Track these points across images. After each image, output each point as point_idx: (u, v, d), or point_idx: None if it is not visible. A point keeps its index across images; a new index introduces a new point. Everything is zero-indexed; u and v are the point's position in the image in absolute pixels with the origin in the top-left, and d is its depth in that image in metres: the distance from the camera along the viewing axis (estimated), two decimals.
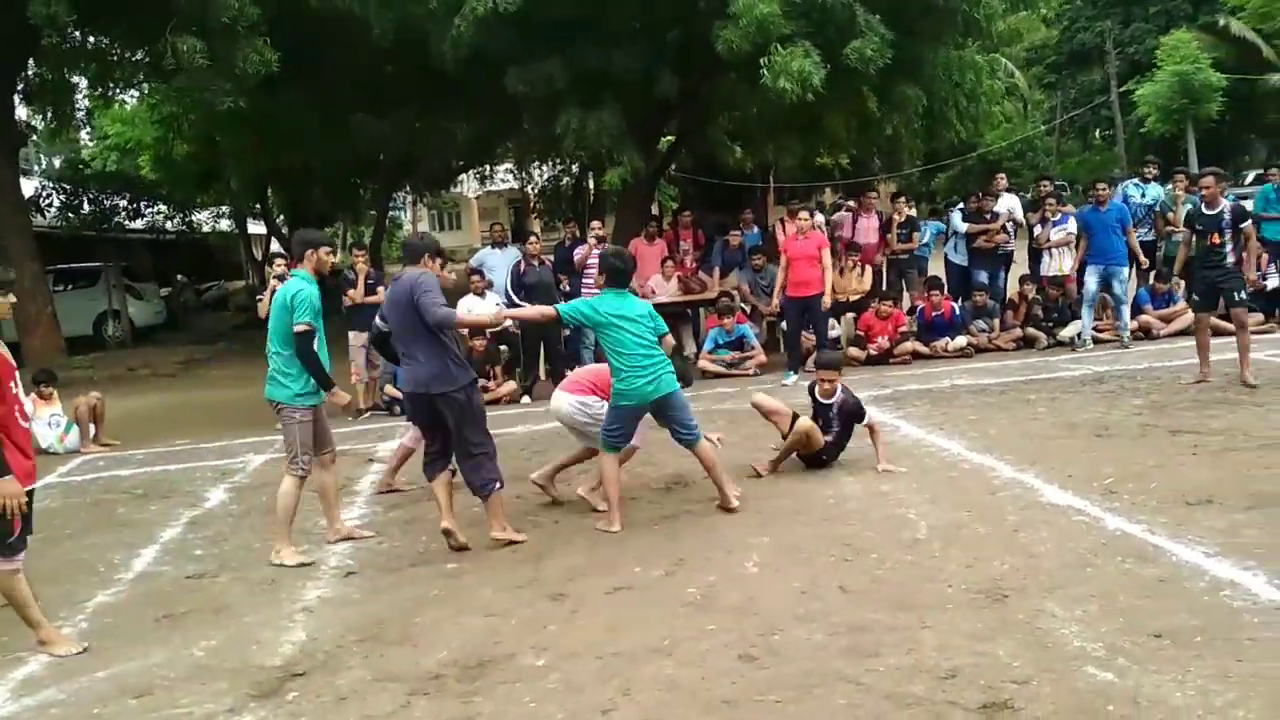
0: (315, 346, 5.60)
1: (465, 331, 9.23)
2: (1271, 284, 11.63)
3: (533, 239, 12.13)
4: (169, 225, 31.88)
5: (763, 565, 5.03)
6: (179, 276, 29.58)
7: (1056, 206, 12.20)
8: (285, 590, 5.27)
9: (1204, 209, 8.59)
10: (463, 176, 32.54)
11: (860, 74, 11.80)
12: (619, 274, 6.04)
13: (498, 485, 5.64)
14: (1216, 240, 8.48)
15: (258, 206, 29.69)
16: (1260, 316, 11.43)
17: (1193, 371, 9.06)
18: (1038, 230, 12.23)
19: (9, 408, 4.42)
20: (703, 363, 11.30)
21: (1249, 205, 12.32)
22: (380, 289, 10.18)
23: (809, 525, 5.62)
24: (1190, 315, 11.44)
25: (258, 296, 10.48)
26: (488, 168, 30.58)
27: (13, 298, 5.00)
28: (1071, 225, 11.78)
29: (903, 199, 14.13)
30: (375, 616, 4.76)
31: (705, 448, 5.98)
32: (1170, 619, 3.97)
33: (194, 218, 32.58)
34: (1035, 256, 12.55)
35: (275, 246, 28.64)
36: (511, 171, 33.16)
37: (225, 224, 33.86)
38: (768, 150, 18.34)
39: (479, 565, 5.38)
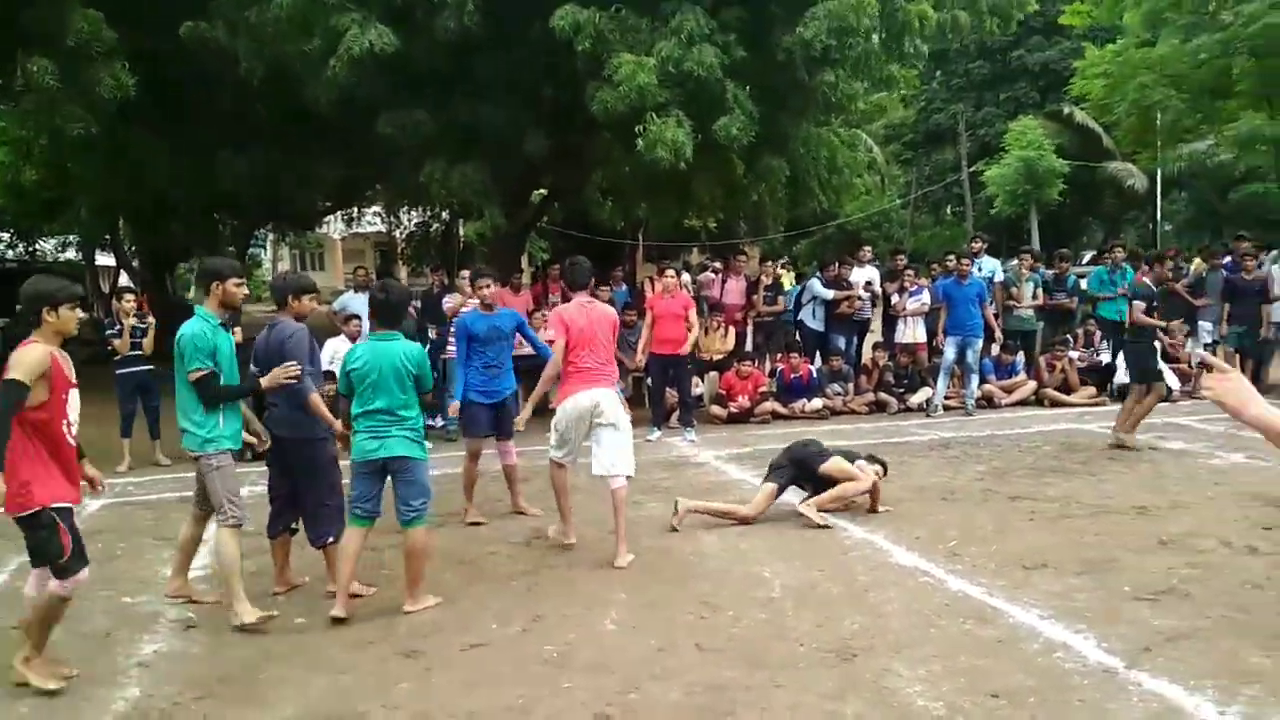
0: (218, 385, 5.12)
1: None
2: (1103, 359, 12.40)
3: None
4: (10, 254, 30.15)
5: (621, 623, 5.04)
6: (18, 308, 27.87)
7: (914, 279, 12.78)
8: (120, 644, 4.99)
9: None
10: (329, 218, 31.93)
11: (725, 146, 12.20)
12: (384, 309, 5.44)
13: (331, 539, 5.49)
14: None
15: (108, 238, 28.41)
16: (1093, 390, 12.17)
17: (1030, 440, 9.60)
18: (895, 299, 12.78)
19: (56, 420, 4.32)
20: None
21: (1084, 285, 13.22)
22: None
23: (668, 583, 5.67)
24: (1030, 385, 12.14)
25: (108, 332, 9.85)
26: (355, 210, 30.10)
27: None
28: (926, 296, 12.35)
29: (771, 262, 14.56)
30: (216, 673, 4.56)
31: (418, 537, 5.27)
32: (1007, 679, 4.16)
33: (38, 246, 30.90)
34: (889, 324, 13.10)
35: (125, 280, 27.39)
36: (379, 215, 32.71)
37: (72, 254, 32.24)
38: (639, 209, 18.68)
39: (328, 620, 5.22)
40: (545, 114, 13.63)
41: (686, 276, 14.39)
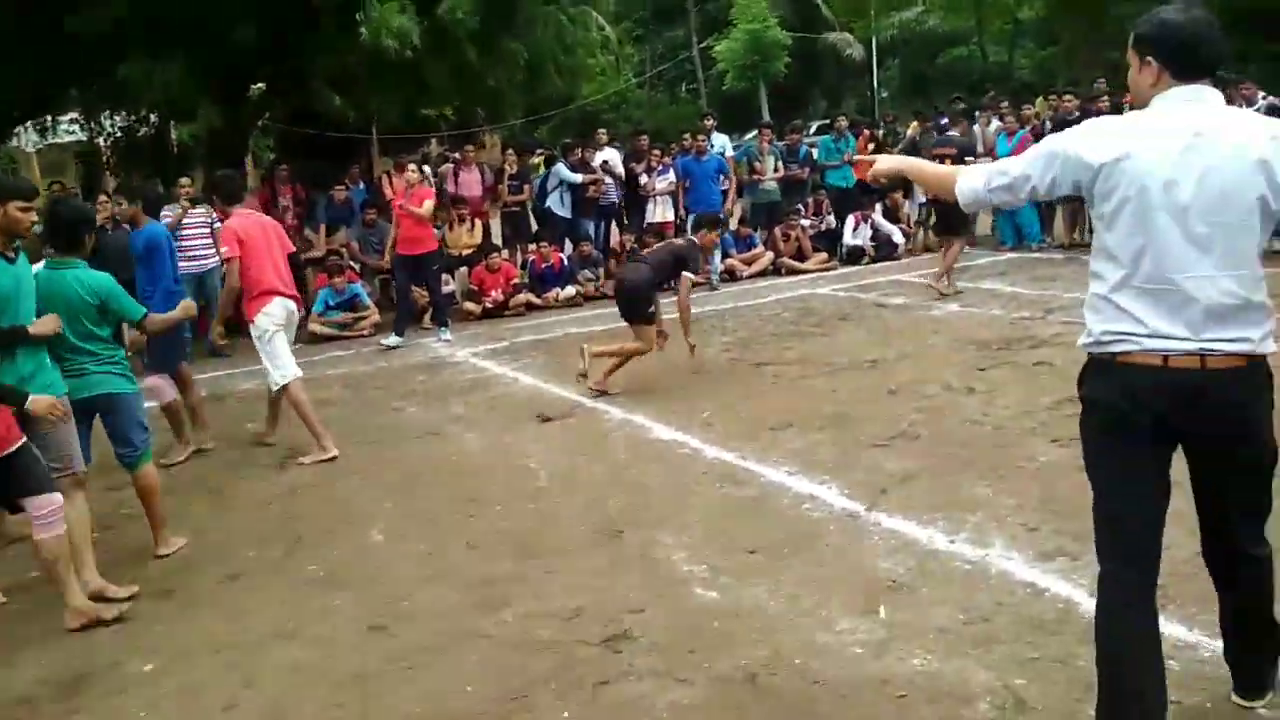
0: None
1: None
2: (832, 225, 13.09)
3: (103, 198, 10.97)
4: None
5: (388, 533, 4.96)
6: None
7: (660, 158, 12.92)
8: None
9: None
10: (19, 129, 28.53)
11: (454, 29, 11.76)
12: (61, 232, 4.82)
13: None
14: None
15: None
16: (824, 255, 12.85)
17: (769, 308, 10.10)
18: (644, 180, 12.93)
19: None
20: (313, 325, 10.84)
21: (815, 154, 13.81)
22: None
23: (433, 486, 5.61)
24: (768, 257, 12.67)
25: None
26: (49, 118, 27.05)
27: None
28: (673, 175, 12.54)
29: (512, 150, 14.28)
30: None
31: (148, 475, 4.89)
32: (763, 535, 4.42)
33: None
34: (638, 206, 13.26)
35: None
36: (78, 122, 29.55)
37: None
38: (371, 102, 17.78)
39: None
40: (257, 3, 12.61)
41: (427, 169, 13.96)
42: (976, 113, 13.99)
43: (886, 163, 3.08)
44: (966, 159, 10.05)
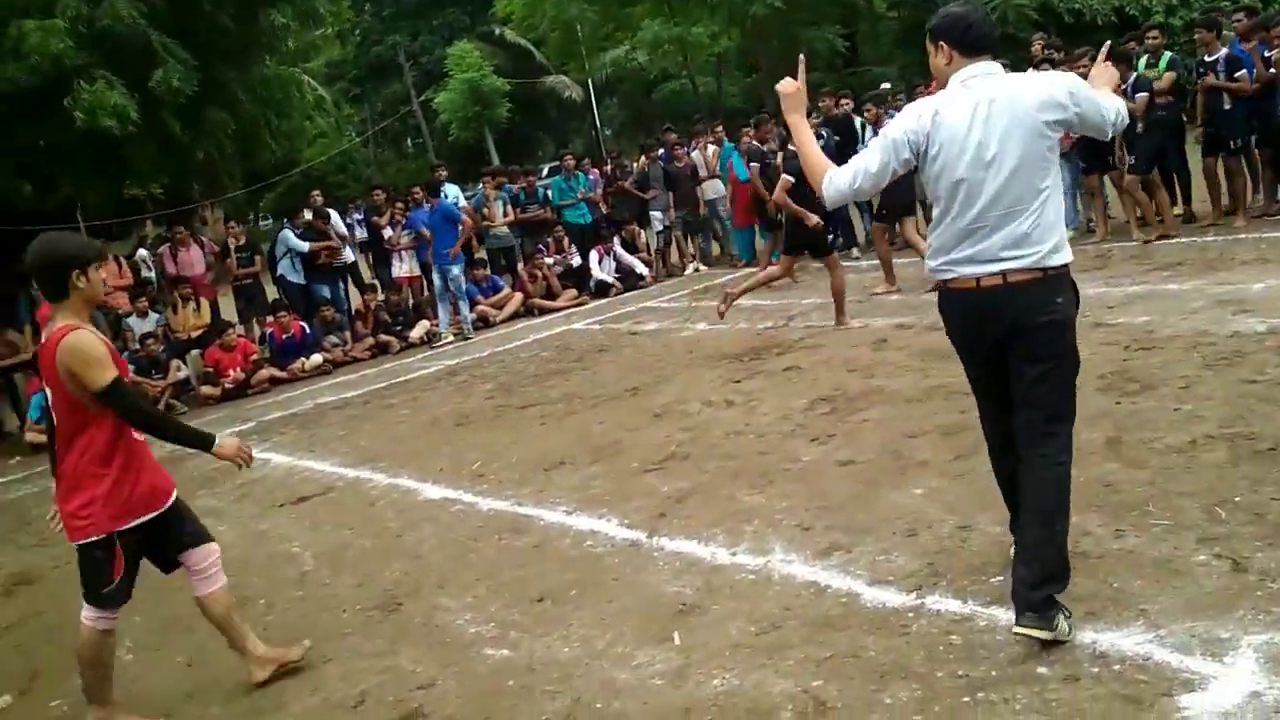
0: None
1: None
2: (576, 262, 13.20)
3: None
4: None
5: (140, 647, 4.48)
6: None
7: (403, 211, 12.63)
8: None
9: (1206, 57, 9.19)
10: None
11: (168, 101, 11.13)
12: None
13: None
14: None
15: None
16: (574, 291, 12.93)
17: (528, 349, 10.04)
18: (388, 234, 12.63)
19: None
20: (29, 435, 9.79)
21: (550, 195, 13.91)
22: None
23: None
24: (518, 299, 12.61)
25: None
26: None
27: None
28: (424, 229, 12.26)
29: (235, 222, 13.55)
30: None
31: None
32: (548, 580, 4.29)
33: None
34: (384, 261, 12.94)
35: None
36: None
37: None
38: (65, 187, 16.43)
39: None
40: None
41: (143, 252, 13.09)
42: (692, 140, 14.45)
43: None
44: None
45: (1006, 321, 3.08)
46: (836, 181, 3.27)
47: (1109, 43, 3.92)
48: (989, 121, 3.04)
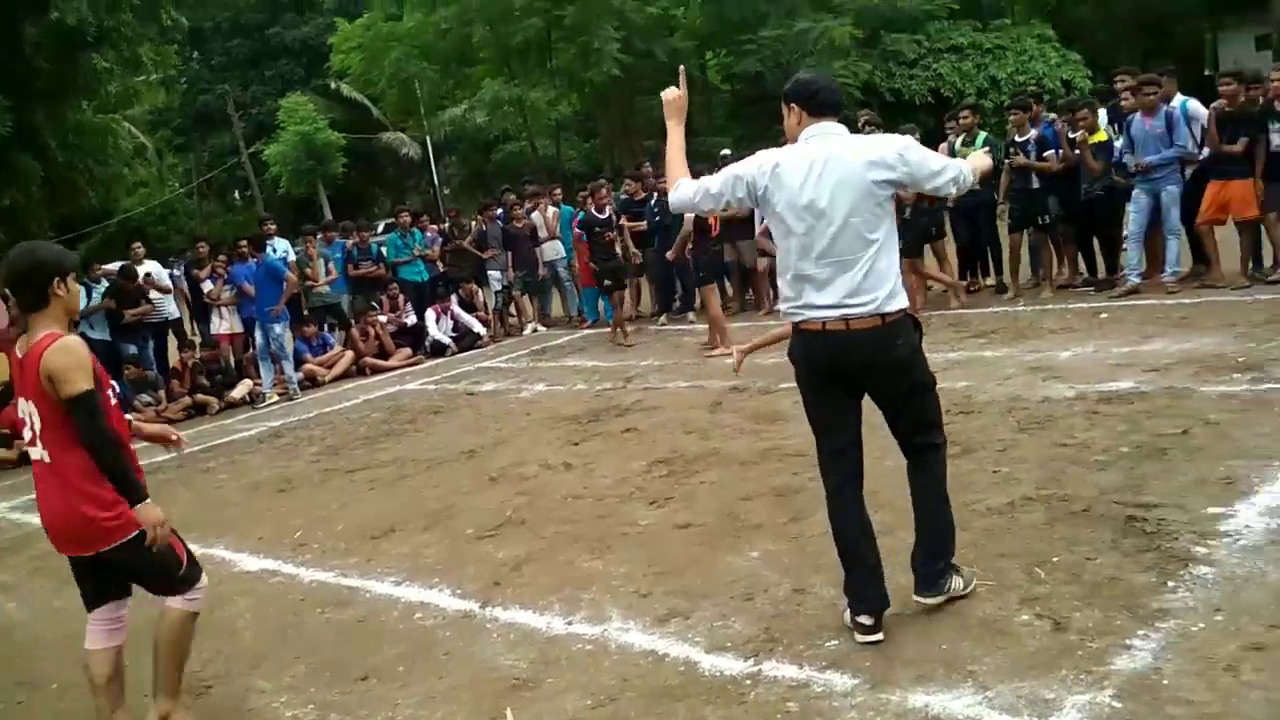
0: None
1: None
2: (411, 320, 12.91)
3: None
4: None
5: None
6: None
7: (225, 264, 12.10)
8: None
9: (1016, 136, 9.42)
10: None
11: None
12: None
13: None
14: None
15: None
16: (408, 351, 12.60)
17: (358, 410, 9.71)
18: (208, 288, 12.23)
19: (113, 417, 3.46)
20: None
21: (385, 252, 13.61)
22: None
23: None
24: (348, 357, 12.21)
25: None
26: None
27: None
28: (246, 284, 11.74)
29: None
30: None
31: None
32: (375, 657, 4.06)
33: None
34: (203, 317, 12.38)
35: None
36: None
37: None
38: None
39: None
40: None
41: None
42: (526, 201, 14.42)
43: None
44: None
45: (854, 362, 3.41)
46: (683, 189, 3.65)
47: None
48: (822, 177, 3.33)
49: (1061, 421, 5.64)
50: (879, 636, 3.42)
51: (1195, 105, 8.98)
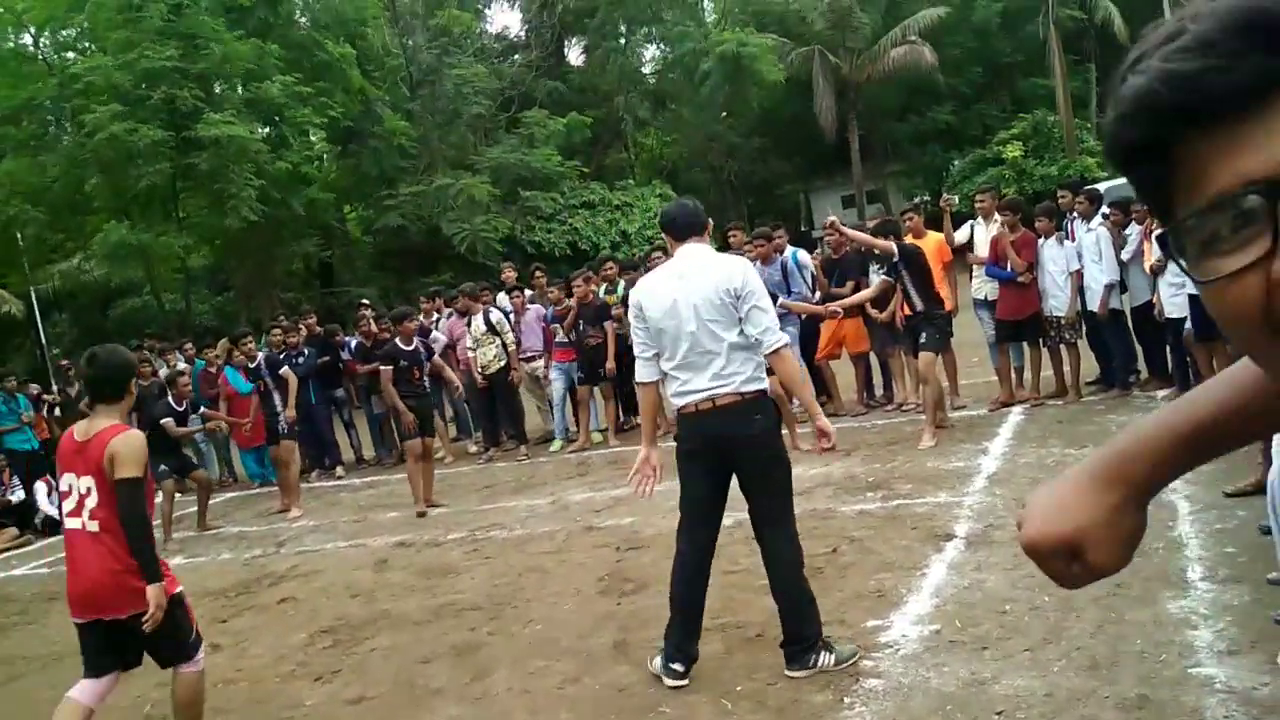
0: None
1: None
2: (17, 496, 11.32)
3: None
4: None
5: None
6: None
7: None
8: None
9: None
10: None
11: None
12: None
13: None
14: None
15: None
16: (14, 530, 10.99)
17: None
18: None
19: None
20: None
21: None
22: None
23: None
24: None
25: None
26: None
27: None
28: None
29: None
30: None
31: None
32: None
33: None
34: None
35: None
36: None
37: None
38: None
39: None
40: None
41: None
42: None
43: None
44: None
45: (723, 434, 3.97)
46: (639, 370, 4.26)
47: None
48: (681, 288, 4.00)
49: (725, 550, 5.81)
50: (685, 682, 3.99)
51: (804, 255, 10.05)
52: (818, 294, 9.66)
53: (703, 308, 3.94)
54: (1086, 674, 3.56)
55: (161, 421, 9.43)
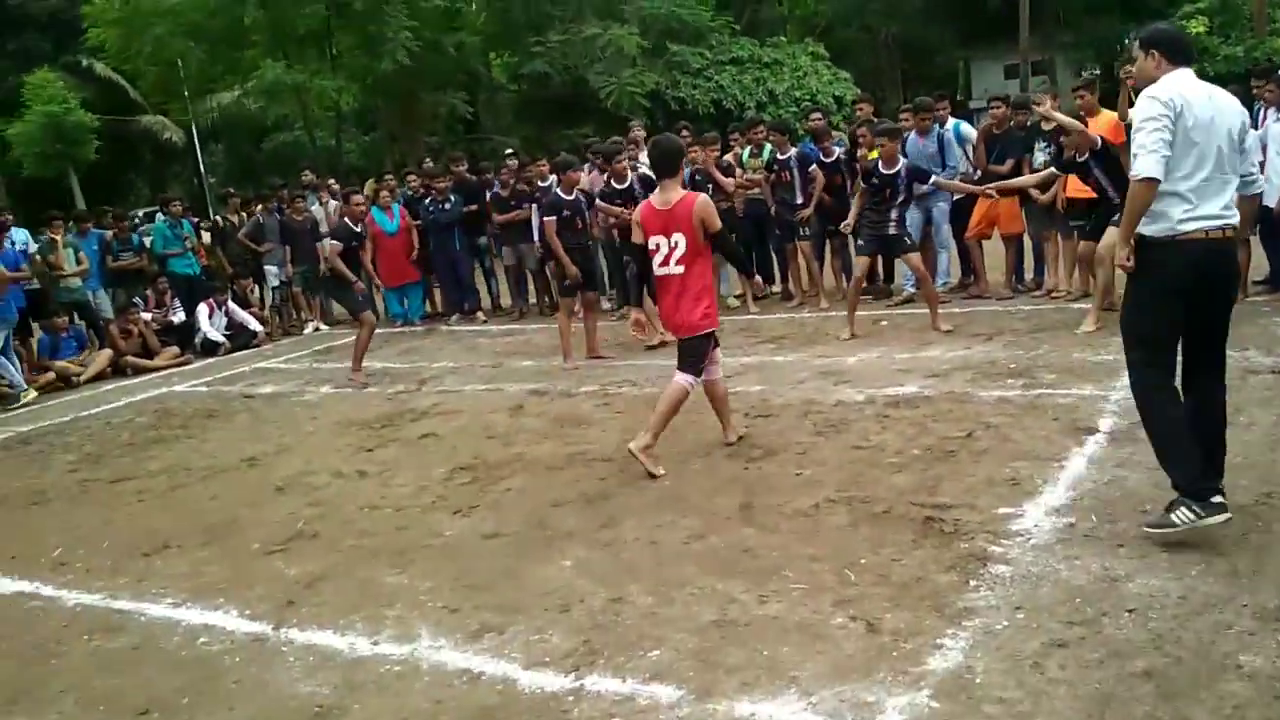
0: None
1: None
2: (179, 318, 12.02)
3: None
4: None
5: None
6: None
7: None
8: None
9: (882, 168, 8.32)
10: None
11: None
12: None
13: None
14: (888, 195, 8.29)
15: None
16: (176, 350, 11.73)
17: (120, 414, 8.91)
18: None
19: None
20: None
21: (148, 242, 12.59)
22: None
23: None
24: (106, 355, 11.22)
25: None
26: None
27: None
28: None
29: None
30: None
31: None
32: (153, 689, 3.68)
33: None
34: None
35: None
36: None
37: None
38: None
39: None
40: None
41: None
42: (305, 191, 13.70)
43: None
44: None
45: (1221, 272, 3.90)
46: (1141, 163, 3.74)
47: None
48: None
49: (855, 425, 5.85)
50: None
51: (966, 127, 9.60)
52: (978, 172, 9.25)
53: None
54: (1225, 581, 3.47)
55: (326, 242, 9.76)
